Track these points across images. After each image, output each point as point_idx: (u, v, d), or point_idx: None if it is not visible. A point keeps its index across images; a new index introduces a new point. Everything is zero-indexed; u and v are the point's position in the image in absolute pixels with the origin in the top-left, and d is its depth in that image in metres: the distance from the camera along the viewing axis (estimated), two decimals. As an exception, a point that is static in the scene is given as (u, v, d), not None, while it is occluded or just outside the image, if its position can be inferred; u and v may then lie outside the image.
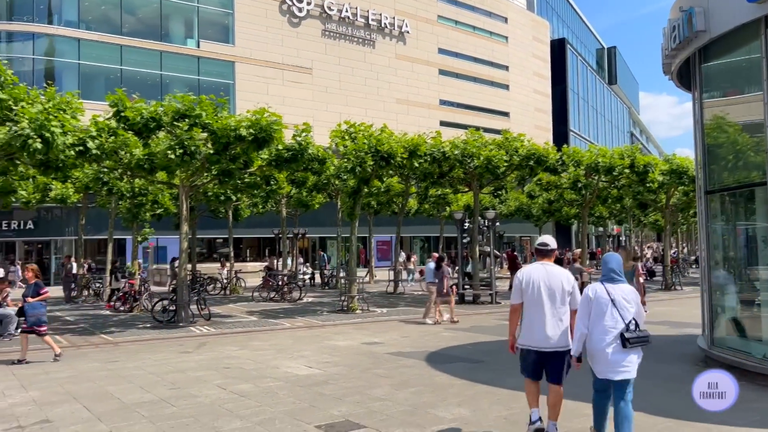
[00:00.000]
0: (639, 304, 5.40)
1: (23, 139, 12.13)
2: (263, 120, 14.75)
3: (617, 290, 5.33)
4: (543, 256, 5.83)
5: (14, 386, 8.62)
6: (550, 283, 5.59)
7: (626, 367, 5.22)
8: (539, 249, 5.89)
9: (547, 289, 5.58)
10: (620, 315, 5.24)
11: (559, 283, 5.59)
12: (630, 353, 5.23)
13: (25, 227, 33.93)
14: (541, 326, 5.54)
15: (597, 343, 5.28)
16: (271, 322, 15.96)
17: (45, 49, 35.66)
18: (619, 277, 5.42)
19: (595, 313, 5.32)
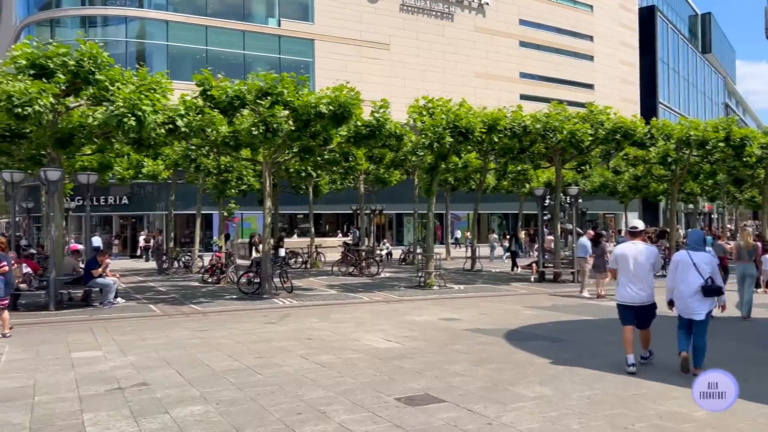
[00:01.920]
0: (715, 266, 7.31)
1: (118, 118, 12.79)
2: (342, 96, 14.87)
3: (697, 256, 7.34)
4: (633, 236, 7.88)
5: (114, 351, 9.21)
6: (637, 256, 7.57)
7: (701, 311, 7.23)
8: (631, 231, 7.95)
9: (634, 261, 7.54)
10: (700, 274, 7.21)
11: (644, 257, 7.55)
12: (705, 302, 7.22)
13: (120, 202, 36.00)
14: (630, 288, 7.55)
15: (683, 293, 7.33)
16: (350, 296, 16.25)
17: (136, 31, 37.33)
18: (699, 247, 7.55)
19: (681, 272, 7.34)
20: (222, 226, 24.92)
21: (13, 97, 12.07)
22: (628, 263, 7.52)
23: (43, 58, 13.12)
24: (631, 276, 7.50)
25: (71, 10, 37.34)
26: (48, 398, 6.61)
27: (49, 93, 12.63)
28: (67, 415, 6.00)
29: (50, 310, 13.47)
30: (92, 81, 13.48)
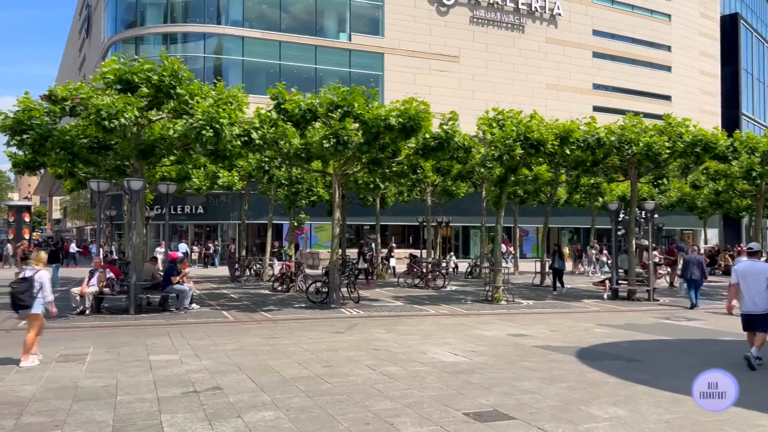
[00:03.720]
0: None
1: (197, 130, 13.34)
2: (412, 109, 14.95)
3: None
4: (751, 256, 9.40)
5: (189, 355, 9.55)
6: (755, 272, 8.91)
7: None
8: (749, 251, 9.50)
9: (753, 277, 8.89)
10: None
11: (761, 273, 8.84)
12: None
13: (196, 212, 37.39)
14: (750, 299, 8.87)
15: None
16: (416, 307, 16.23)
17: (214, 47, 38.86)
18: None
19: None
20: (292, 236, 25.45)
21: (102, 111, 12.80)
22: (745, 278, 8.94)
23: (129, 74, 13.87)
24: (752, 290, 8.81)
25: (154, 28, 39.28)
26: (129, 398, 6.91)
27: (134, 106, 13.32)
28: (146, 415, 6.25)
29: (130, 314, 14.12)
30: (173, 95, 14.14)
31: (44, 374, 8.10)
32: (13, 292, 8.86)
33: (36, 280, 8.86)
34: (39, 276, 8.91)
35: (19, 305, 8.84)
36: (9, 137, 14.44)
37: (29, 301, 8.81)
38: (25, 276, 8.93)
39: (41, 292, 8.87)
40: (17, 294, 8.81)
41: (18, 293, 8.80)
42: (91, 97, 13.53)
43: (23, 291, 8.79)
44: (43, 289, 8.88)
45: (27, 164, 16.36)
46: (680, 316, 15.03)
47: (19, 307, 8.89)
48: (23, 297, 8.80)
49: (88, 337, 11.09)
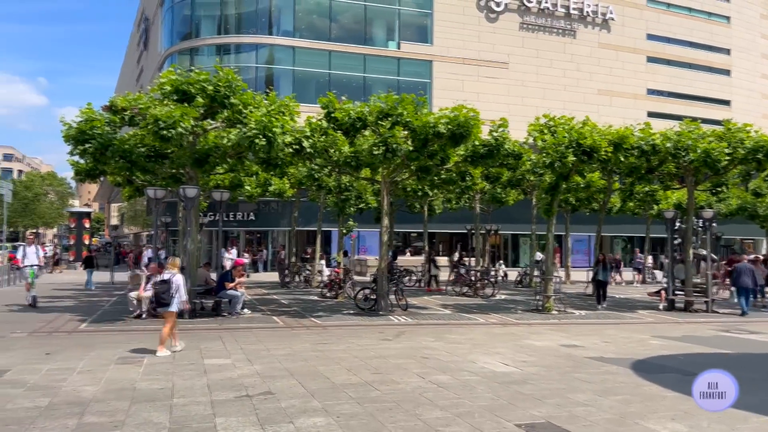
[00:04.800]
0: None
1: (250, 139, 13.62)
2: (461, 116, 14.89)
3: None
4: None
5: (242, 359, 9.72)
6: None
7: None
8: None
9: None
10: None
11: None
12: None
13: (248, 218, 38.06)
14: None
15: None
16: (465, 316, 16.09)
17: (266, 57, 39.63)
18: None
19: None
20: (341, 243, 25.64)
21: (160, 121, 13.21)
22: None
23: (186, 84, 14.28)
24: None
25: (209, 40, 40.35)
26: (184, 401, 7.08)
27: (189, 116, 13.71)
28: (201, 418, 6.39)
29: (184, 318, 14.45)
30: (227, 105, 14.48)
31: (104, 375, 8.38)
32: (156, 292, 10.18)
33: (173, 282, 10.07)
34: (175, 279, 10.13)
35: (161, 303, 10.08)
36: (72, 146, 15.05)
37: (168, 300, 10.02)
38: (164, 279, 10.19)
39: (177, 292, 10.06)
40: (159, 293, 10.07)
41: (160, 293, 10.06)
42: (149, 107, 14.00)
43: (164, 291, 10.04)
44: (178, 290, 10.10)
45: (88, 172, 17.01)
46: (741, 329, 14.44)
47: (161, 305, 10.12)
48: (164, 296, 10.03)
49: (144, 340, 11.41)
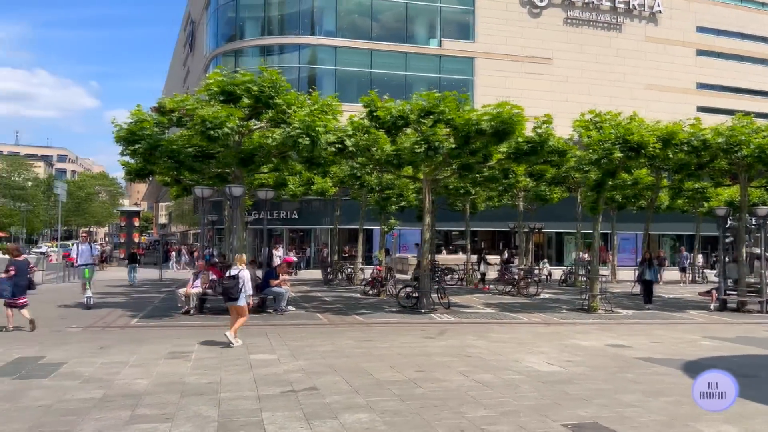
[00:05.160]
0: None
1: (294, 138, 13.79)
2: (505, 113, 14.75)
3: None
4: None
5: (287, 355, 9.86)
6: None
7: None
8: None
9: None
10: None
11: None
12: None
13: (291, 217, 38.56)
14: None
15: None
16: (509, 315, 15.95)
17: (308, 57, 40.04)
18: None
19: None
20: (383, 241, 25.73)
21: (207, 121, 13.50)
22: None
23: (231, 85, 14.54)
24: None
25: (252, 41, 41.01)
26: (231, 395, 7.23)
27: (235, 116, 13.97)
28: (248, 413, 6.52)
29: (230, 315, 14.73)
30: (272, 105, 14.69)
31: (155, 369, 8.62)
32: (225, 287, 10.74)
33: (240, 278, 10.55)
34: (242, 274, 10.62)
35: (230, 298, 10.60)
36: (123, 147, 15.51)
37: (236, 294, 10.53)
38: (232, 275, 10.67)
39: (244, 287, 10.56)
40: (228, 288, 10.58)
41: (228, 288, 10.58)
42: (196, 108, 14.32)
43: (232, 286, 10.55)
44: (245, 285, 10.58)
45: (138, 172, 17.51)
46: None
47: (229, 299, 10.66)
48: (232, 291, 10.54)
49: (192, 336, 11.70)
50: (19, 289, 12.09)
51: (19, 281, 12.10)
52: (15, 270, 12.07)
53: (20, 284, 12.12)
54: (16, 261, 12.28)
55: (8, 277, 12.05)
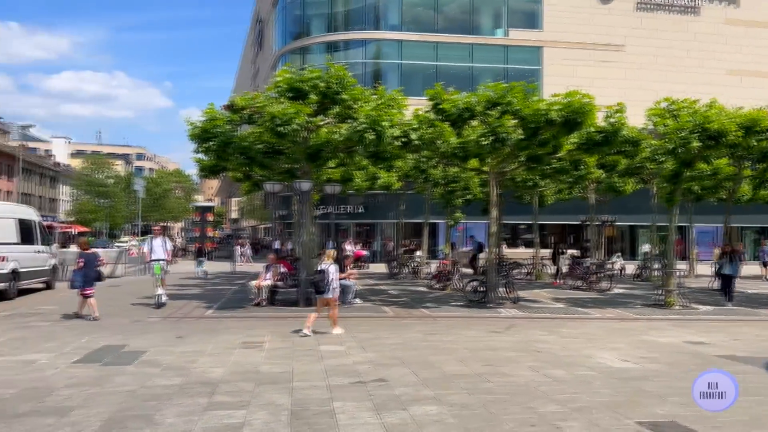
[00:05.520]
0: None
1: (360, 133, 13.92)
2: (575, 102, 14.38)
3: None
4: None
5: (355, 347, 10.00)
6: None
7: None
8: None
9: None
10: None
11: None
12: None
13: (356, 211, 38.96)
14: None
15: None
16: (579, 310, 15.59)
17: (373, 52, 40.25)
18: None
19: None
20: (448, 235, 25.62)
21: (276, 118, 13.82)
22: None
23: (299, 82, 14.81)
24: None
25: (319, 38, 41.59)
26: (303, 384, 7.41)
27: (303, 113, 14.22)
28: (320, 402, 6.67)
29: (300, 306, 15.08)
30: (338, 100, 14.87)
31: (229, 358, 8.94)
32: (314, 281, 11.34)
33: (328, 272, 11.08)
34: (330, 269, 11.15)
35: (319, 291, 11.16)
36: (197, 144, 16.09)
37: (324, 288, 11.04)
38: (320, 269, 11.23)
39: (331, 281, 11.04)
40: (317, 282, 11.14)
41: (317, 281, 11.14)
42: (266, 106, 14.67)
43: (320, 280, 11.08)
44: (332, 279, 11.07)
45: (211, 168, 18.13)
46: None
47: (318, 292, 11.19)
48: (321, 285, 11.07)
49: (264, 327, 12.04)
50: (88, 280, 12.93)
51: (89, 273, 12.95)
52: (84, 262, 12.96)
53: (89, 275, 12.97)
54: (85, 254, 13.21)
55: (78, 268, 12.96)
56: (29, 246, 17.89)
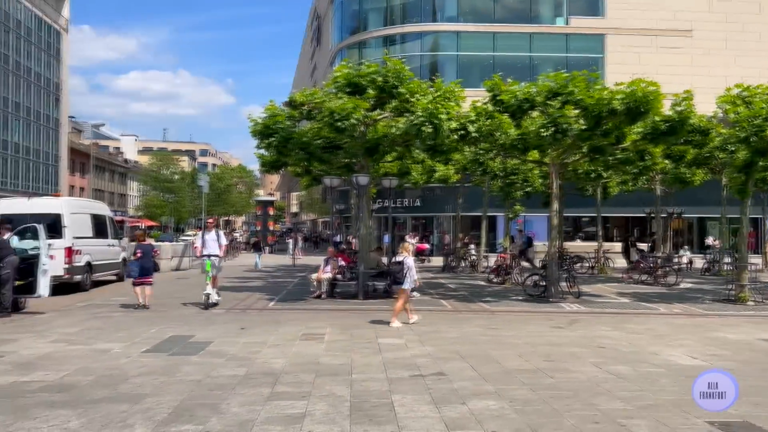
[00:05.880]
0: None
1: (417, 127, 13.90)
2: (639, 90, 13.91)
3: None
4: None
5: (414, 340, 10.03)
6: None
7: None
8: None
9: None
10: None
11: None
12: None
13: (413, 205, 38.95)
14: None
15: None
16: (645, 305, 15.12)
17: (430, 45, 40.05)
18: None
19: None
20: (507, 228, 25.29)
21: (334, 113, 13.97)
22: None
23: (357, 77, 14.91)
24: None
25: (375, 32, 41.69)
26: (362, 377, 7.49)
27: (361, 108, 14.32)
28: (379, 394, 6.73)
29: (359, 299, 15.23)
30: (395, 94, 14.91)
31: (291, 350, 9.12)
32: (392, 272, 12.05)
33: (406, 264, 11.50)
34: (407, 261, 11.59)
35: (396, 281, 11.73)
36: (259, 140, 16.44)
37: (402, 279, 11.45)
38: (398, 261, 11.86)
39: (409, 273, 11.38)
40: (395, 273, 11.74)
41: (395, 273, 11.75)
42: (324, 101, 14.85)
43: (398, 271, 11.60)
44: (410, 271, 11.40)
45: (272, 164, 18.51)
46: None
47: (396, 283, 11.86)
48: (398, 276, 11.57)
49: (324, 319, 12.23)
50: (145, 270, 13.61)
51: (145, 263, 13.63)
52: (141, 253, 13.68)
53: (146, 266, 13.65)
54: (141, 245, 13.96)
55: (135, 259, 13.69)
56: (102, 240, 18.74)
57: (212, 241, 13.93)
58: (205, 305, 13.63)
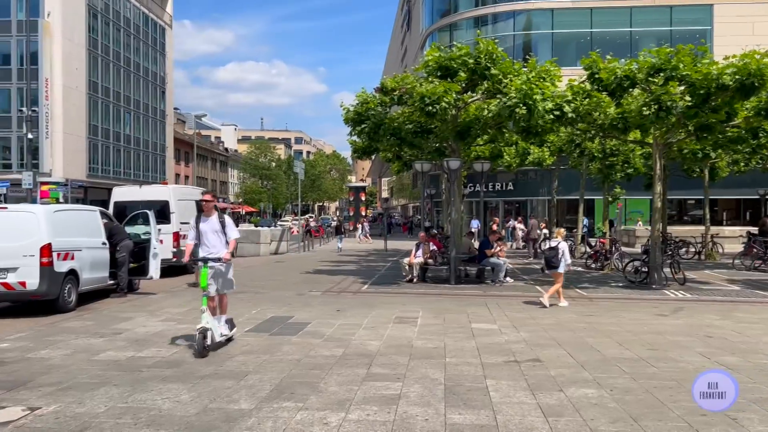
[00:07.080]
0: None
1: (510, 108, 13.61)
2: (753, 63, 12.90)
3: None
4: None
5: (507, 326, 9.91)
6: None
7: None
8: None
9: None
10: None
11: None
12: None
13: (506, 188, 38.28)
14: None
15: None
16: (758, 293, 14.14)
17: (523, 24, 38.99)
18: None
19: None
20: (606, 212, 24.35)
21: (425, 97, 13.93)
22: None
23: (447, 60, 14.77)
24: None
25: (466, 13, 41.07)
26: (456, 361, 7.51)
27: (452, 91, 14.20)
28: (473, 378, 6.72)
29: (450, 284, 15.22)
30: (488, 76, 14.64)
31: (384, 332, 9.28)
32: (546, 257, 12.20)
33: (560, 249, 11.83)
34: (561, 246, 11.94)
35: (551, 266, 11.97)
36: (351, 127, 16.70)
37: (557, 263, 11.79)
38: (552, 246, 12.11)
39: (563, 257, 11.79)
40: (549, 258, 11.97)
41: (550, 258, 11.95)
42: (415, 86, 14.83)
43: (553, 256, 11.85)
44: (564, 255, 11.81)
45: (364, 150, 18.76)
46: None
47: (550, 267, 12.05)
48: (553, 260, 11.84)
49: (416, 303, 12.33)
50: None
51: None
52: None
53: None
54: None
55: None
56: (206, 225, 19.72)
57: (213, 234, 8.29)
58: (198, 351, 7.60)
